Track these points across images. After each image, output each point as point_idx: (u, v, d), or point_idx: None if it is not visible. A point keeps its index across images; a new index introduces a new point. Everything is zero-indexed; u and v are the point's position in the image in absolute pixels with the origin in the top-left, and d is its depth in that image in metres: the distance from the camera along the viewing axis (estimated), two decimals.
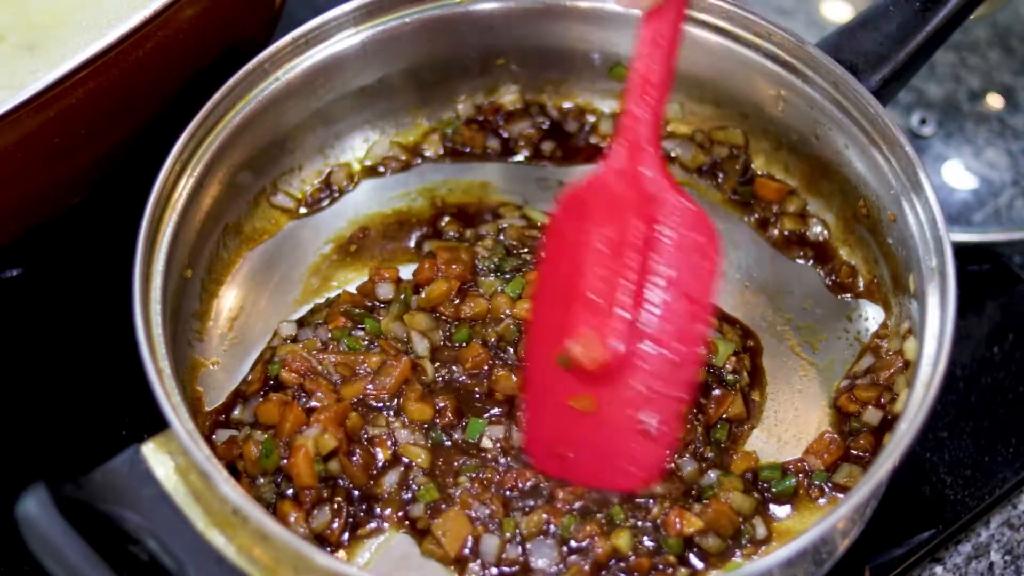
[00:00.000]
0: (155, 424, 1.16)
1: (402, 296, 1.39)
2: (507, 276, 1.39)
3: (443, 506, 1.26)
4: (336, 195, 1.51)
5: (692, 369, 1.26)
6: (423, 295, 1.38)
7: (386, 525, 1.27)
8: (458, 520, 1.25)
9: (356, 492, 1.27)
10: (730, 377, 1.34)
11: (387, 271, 1.41)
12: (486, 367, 1.34)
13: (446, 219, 1.50)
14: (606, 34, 1.49)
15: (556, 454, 1.28)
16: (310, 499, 1.25)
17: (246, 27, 1.47)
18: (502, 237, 1.46)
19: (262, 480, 1.27)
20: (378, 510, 1.27)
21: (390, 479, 1.28)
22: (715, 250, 1.25)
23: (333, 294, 1.44)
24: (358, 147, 1.53)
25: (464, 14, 1.46)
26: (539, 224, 1.48)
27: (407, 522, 1.27)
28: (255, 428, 1.31)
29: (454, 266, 1.39)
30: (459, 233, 1.48)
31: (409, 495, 1.28)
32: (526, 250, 1.44)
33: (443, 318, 1.38)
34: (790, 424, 1.35)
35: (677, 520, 1.23)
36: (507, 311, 1.36)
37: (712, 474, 1.28)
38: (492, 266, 1.41)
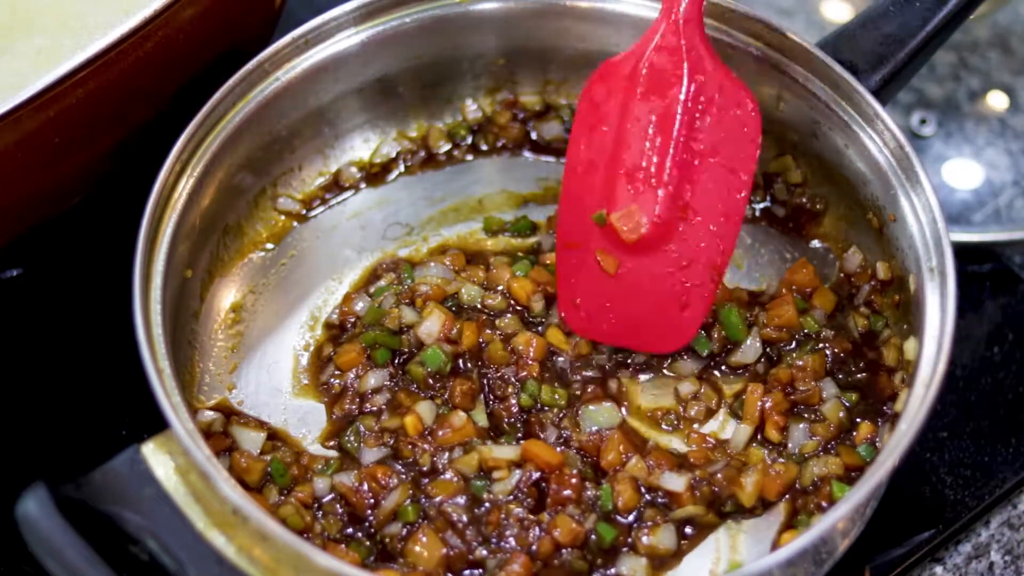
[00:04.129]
0: (155, 424, 1.16)
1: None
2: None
3: (418, 532, 1.24)
4: (337, 195, 1.51)
5: (731, 239, 1.29)
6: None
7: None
8: (431, 547, 1.22)
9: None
10: None
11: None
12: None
13: None
14: (606, 34, 1.48)
15: (588, 315, 1.33)
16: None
17: (246, 27, 1.47)
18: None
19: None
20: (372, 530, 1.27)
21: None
22: (756, 123, 1.29)
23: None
24: (358, 147, 1.53)
25: (464, 14, 1.46)
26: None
27: (379, 538, 1.25)
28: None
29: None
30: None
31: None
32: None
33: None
34: None
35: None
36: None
37: None
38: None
